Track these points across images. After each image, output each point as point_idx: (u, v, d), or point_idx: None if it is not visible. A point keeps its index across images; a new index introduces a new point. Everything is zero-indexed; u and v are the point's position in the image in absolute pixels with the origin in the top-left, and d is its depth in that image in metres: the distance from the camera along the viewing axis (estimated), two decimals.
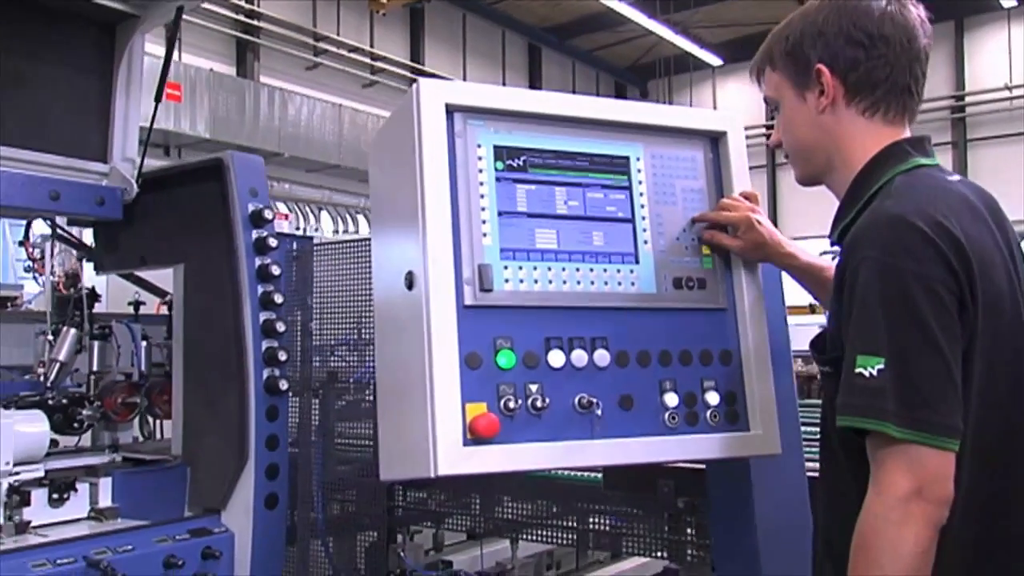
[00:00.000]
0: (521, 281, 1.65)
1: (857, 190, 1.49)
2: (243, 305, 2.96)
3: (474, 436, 1.53)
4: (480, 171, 1.66)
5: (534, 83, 22.33)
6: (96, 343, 3.35)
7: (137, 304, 3.63)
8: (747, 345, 1.78)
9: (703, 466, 2.20)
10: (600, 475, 2.54)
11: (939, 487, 1.28)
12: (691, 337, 1.74)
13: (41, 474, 2.76)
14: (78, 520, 2.88)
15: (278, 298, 2.99)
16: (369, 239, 2.79)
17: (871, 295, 1.32)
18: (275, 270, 2.99)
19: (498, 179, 1.67)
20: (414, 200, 1.60)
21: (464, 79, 19.83)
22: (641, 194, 1.78)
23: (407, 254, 1.63)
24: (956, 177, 1.51)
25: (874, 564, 1.28)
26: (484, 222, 1.64)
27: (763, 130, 21.61)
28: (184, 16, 3.12)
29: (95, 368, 3.36)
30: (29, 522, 2.72)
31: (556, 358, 1.63)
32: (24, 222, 3.54)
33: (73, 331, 3.24)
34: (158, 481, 3.12)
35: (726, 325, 1.79)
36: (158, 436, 3.53)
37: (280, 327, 2.98)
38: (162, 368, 3.47)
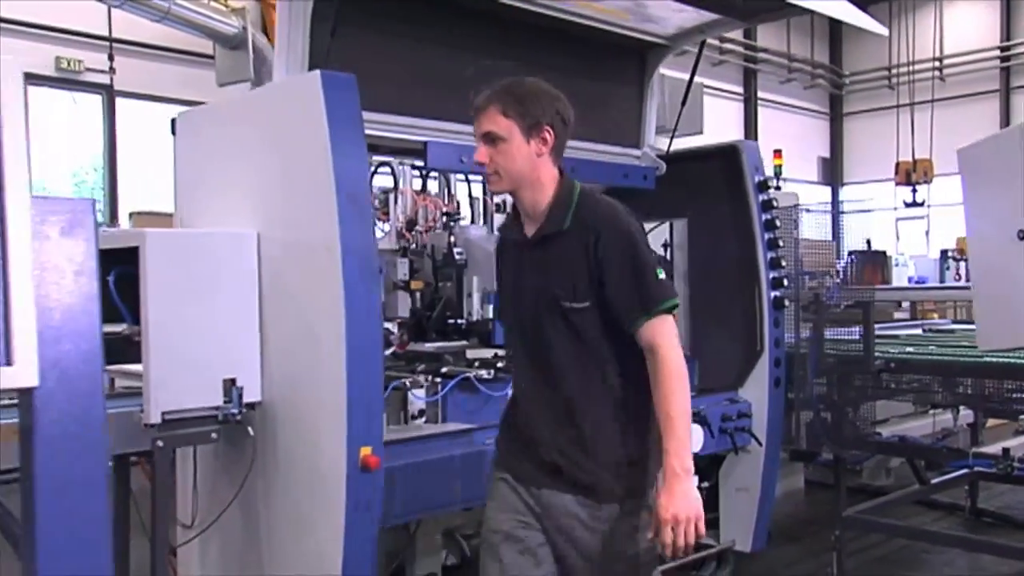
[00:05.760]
0: None
1: (564, 199, 2.33)
2: (757, 247, 4.27)
3: None
4: None
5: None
6: None
7: None
8: None
9: None
10: None
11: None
12: None
13: None
14: None
15: (781, 242, 4.28)
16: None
17: (641, 248, 2.27)
18: (778, 222, 4.27)
19: None
20: None
21: None
22: None
23: (1018, 219, 2.82)
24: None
25: (684, 377, 2.22)
26: None
27: (997, 52, 20.94)
28: None
29: None
30: None
31: None
32: None
33: None
34: None
35: None
36: None
37: (783, 263, 4.28)
38: None
